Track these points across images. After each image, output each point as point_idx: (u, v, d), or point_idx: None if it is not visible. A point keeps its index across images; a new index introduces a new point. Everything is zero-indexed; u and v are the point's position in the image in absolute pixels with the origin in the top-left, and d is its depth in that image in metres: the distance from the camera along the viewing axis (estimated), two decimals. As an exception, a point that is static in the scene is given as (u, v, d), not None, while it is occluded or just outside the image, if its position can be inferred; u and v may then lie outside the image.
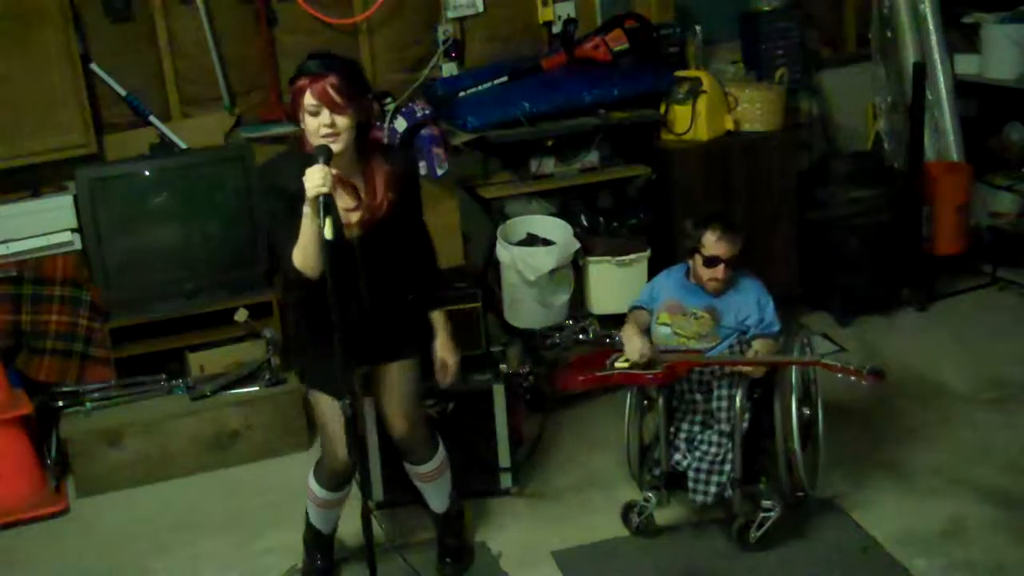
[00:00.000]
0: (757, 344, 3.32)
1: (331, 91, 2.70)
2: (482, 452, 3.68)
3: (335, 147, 2.74)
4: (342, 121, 2.74)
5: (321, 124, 2.72)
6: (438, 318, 3.17)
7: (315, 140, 2.76)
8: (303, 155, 2.83)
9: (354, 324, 2.84)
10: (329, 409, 2.99)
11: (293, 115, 2.82)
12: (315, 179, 2.64)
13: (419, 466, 3.26)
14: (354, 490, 2.85)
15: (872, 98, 5.30)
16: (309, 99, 2.71)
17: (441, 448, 3.29)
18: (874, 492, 3.58)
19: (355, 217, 2.89)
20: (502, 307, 4.33)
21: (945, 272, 5.10)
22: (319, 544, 3.32)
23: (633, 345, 3.29)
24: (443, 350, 3.18)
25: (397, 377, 3.13)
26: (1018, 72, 4.95)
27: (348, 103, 2.73)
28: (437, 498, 3.37)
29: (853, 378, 3.12)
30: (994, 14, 5.08)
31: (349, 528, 3.37)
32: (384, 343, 3.08)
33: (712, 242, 3.30)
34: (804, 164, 4.97)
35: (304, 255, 2.77)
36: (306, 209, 2.70)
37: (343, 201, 2.86)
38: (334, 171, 2.71)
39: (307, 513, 3.30)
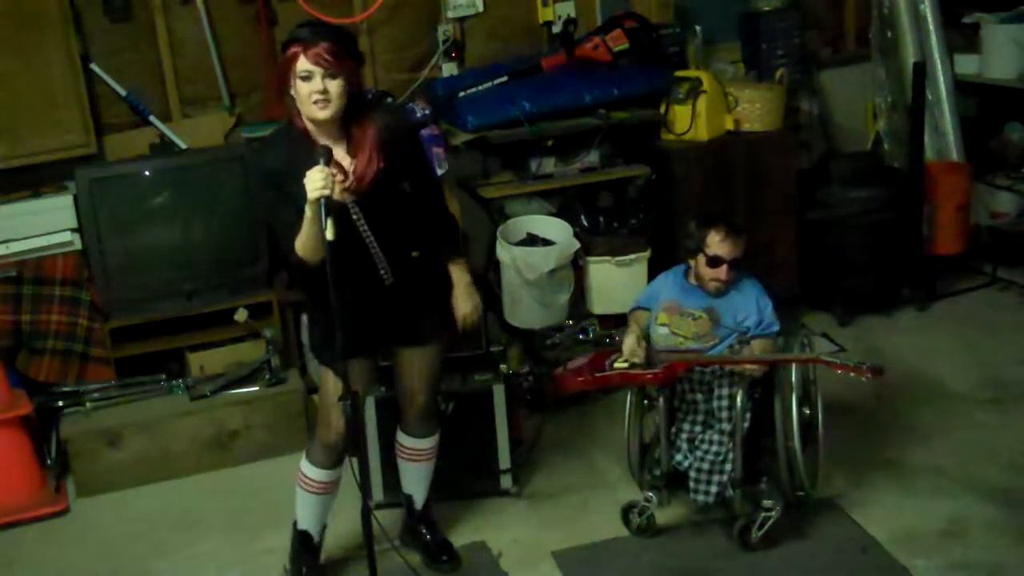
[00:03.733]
0: (756, 344, 3.33)
1: (325, 55, 2.71)
2: (482, 452, 3.67)
3: (324, 114, 2.75)
4: (334, 87, 2.73)
5: (313, 90, 2.72)
6: (455, 269, 3.13)
7: (307, 108, 2.76)
8: (290, 131, 2.85)
9: (376, 301, 2.85)
10: (333, 384, 2.98)
11: (283, 82, 2.80)
12: (316, 182, 2.64)
13: (422, 439, 3.29)
14: (354, 490, 2.84)
15: (872, 98, 5.29)
16: (303, 64, 2.71)
17: (439, 430, 3.34)
18: (874, 492, 3.58)
19: (341, 185, 2.80)
20: (502, 307, 4.33)
21: (945, 272, 5.10)
22: (307, 549, 3.27)
23: (627, 345, 3.30)
24: (461, 300, 3.12)
25: (427, 359, 3.17)
26: (1018, 72, 4.95)
27: (340, 68, 2.74)
28: (421, 486, 3.37)
29: (853, 374, 3.12)
30: (994, 14, 5.08)
31: (349, 528, 3.38)
32: (411, 324, 3.07)
33: (716, 242, 3.30)
34: (804, 164, 4.97)
35: (304, 250, 2.79)
36: (307, 211, 2.70)
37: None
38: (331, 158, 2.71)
39: (295, 517, 3.27)
